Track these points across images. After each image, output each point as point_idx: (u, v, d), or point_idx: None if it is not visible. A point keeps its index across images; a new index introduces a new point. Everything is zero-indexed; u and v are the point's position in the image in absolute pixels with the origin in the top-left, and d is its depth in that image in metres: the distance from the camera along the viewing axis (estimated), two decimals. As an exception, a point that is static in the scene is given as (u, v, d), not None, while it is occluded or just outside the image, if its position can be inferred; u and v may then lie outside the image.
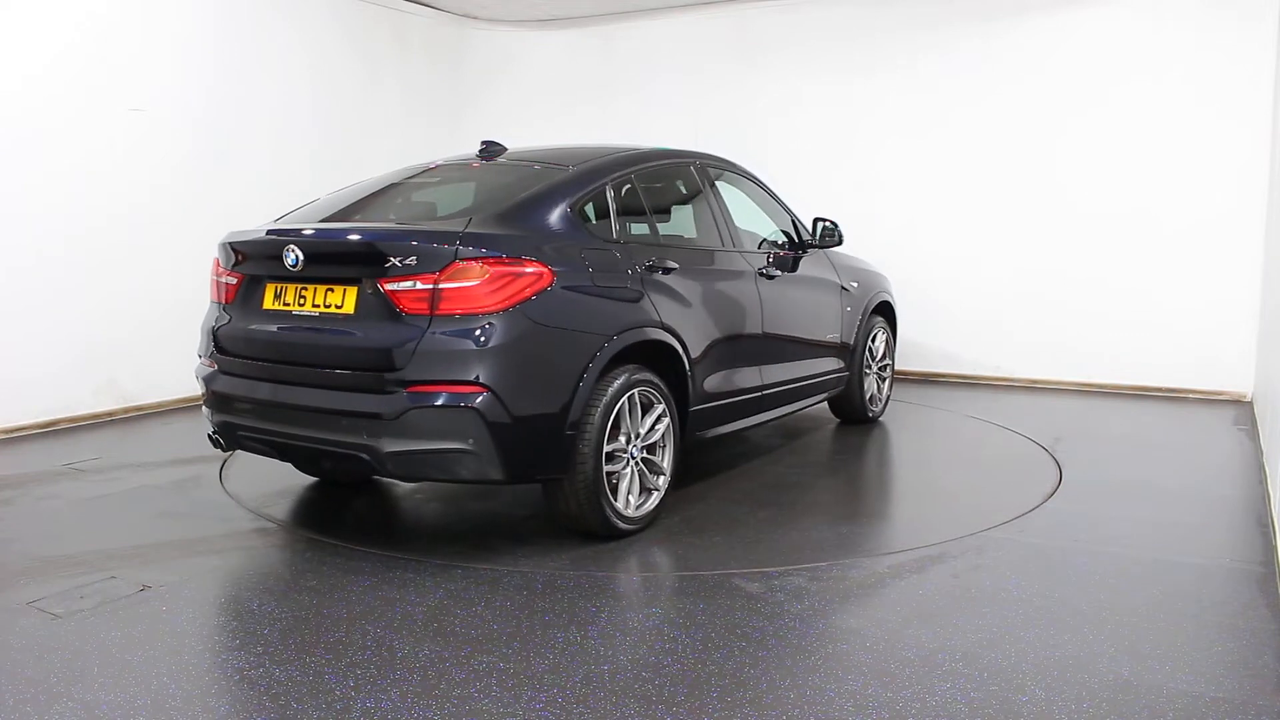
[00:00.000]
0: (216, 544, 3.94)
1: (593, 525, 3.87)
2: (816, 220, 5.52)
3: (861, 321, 5.91)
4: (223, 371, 4.05)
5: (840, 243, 5.57)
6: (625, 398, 3.88)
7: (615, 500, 3.88)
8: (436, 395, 3.49)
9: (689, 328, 4.30)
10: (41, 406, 5.97)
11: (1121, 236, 7.24)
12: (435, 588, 3.44)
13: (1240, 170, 6.81)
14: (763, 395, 4.95)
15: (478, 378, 3.48)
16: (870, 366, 6.10)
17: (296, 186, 6.51)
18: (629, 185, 4.41)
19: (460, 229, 3.65)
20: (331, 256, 3.81)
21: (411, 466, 3.61)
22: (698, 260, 4.59)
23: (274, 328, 3.85)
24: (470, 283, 3.52)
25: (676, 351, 4.19)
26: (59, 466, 5.13)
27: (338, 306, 3.70)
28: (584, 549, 3.86)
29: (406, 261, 3.55)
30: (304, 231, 3.88)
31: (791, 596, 3.35)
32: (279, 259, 3.77)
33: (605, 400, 3.78)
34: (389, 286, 3.57)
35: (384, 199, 4.44)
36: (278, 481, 4.86)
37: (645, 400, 4.02)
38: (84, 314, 6.13)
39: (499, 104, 9.21)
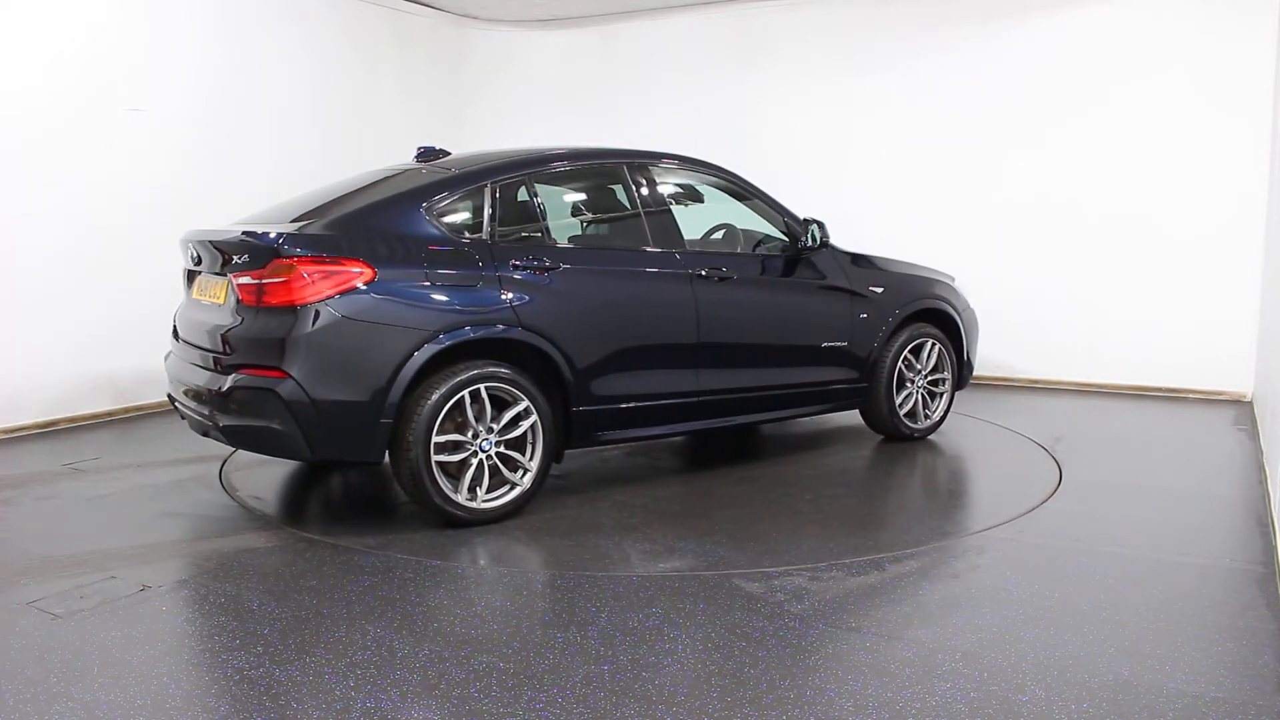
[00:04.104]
0: (216, 544, 3.94)
1: (425, 509, 4.08)
2: (806, 221, 5.27)
3: (888, 329, 5.49)
4: (171, 351, 4.66)
5: (823, 244, 5.28)
6: (467, 392, 4.00)
7: (456, 490, 4.03)
8: (250, 378, 3.91)
9: (570, 327, 4.33)
10: (41, 406, 5.97)
11: (1121, 236, 7.24)
12: (435, 588, 3.44)
13: (1241, 170, 6.80)
14: (701, 402, 4.82)
15: (281, 364, 3.83)
16: (911, 380, 5.64)
17: (296, 187, 6.49)
18: (520, 186, 4.48)
19: (286, 230, 4.00)
20: (212, 255, 4.22)
21: (240, 439, 4.09)
22: (600, 261, 4.59)
23: (191, 314, 4.44)
24: (283, 278, 3.86)
25: (543, 350, 4.25)
26: (59, 466, 5.13)
27: (218, 297, 4.18)
28: (585, 550, 3.86)
29: (242, 259, 4.00)
30: (196, 233, 4.36)
31: (791, 596, 3.35)
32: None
33: (439, 393, 3.95)
34: (235, 281, 4.02)
35: (338, 200, 4.42)
36: (278, 481, 4.88)
37: (502, 396, 4.11)
38: (84, 314, 6.13)
39: (499, 104, 9.21)
